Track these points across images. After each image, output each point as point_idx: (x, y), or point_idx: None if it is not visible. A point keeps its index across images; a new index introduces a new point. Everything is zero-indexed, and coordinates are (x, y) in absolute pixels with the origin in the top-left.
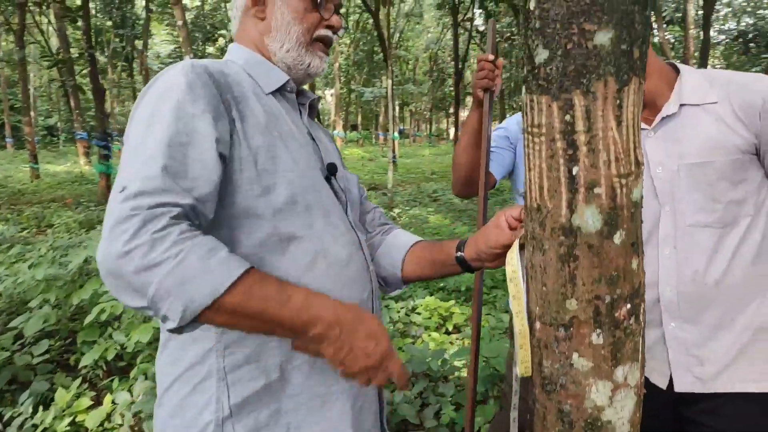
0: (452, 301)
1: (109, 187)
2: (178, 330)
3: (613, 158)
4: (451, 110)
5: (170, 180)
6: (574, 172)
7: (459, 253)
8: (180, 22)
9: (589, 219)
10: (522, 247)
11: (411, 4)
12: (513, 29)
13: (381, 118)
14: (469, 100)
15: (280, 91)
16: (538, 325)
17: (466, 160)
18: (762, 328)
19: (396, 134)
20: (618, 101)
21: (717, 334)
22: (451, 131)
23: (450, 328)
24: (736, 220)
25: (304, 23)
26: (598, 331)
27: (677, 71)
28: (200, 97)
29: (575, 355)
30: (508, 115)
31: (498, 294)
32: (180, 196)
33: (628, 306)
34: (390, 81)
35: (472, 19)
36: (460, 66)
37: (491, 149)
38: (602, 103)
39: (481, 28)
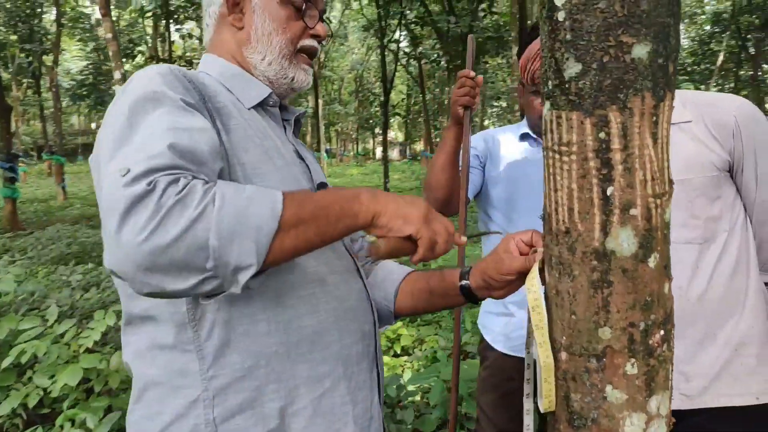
0: (399, 323)
1: (15, 212)
2: (256, 275)
3: (649, 177)
4: (378, 130)
5: (179, 158)
6: (608, 193)
7: (464, 282)
8: (109, 35)
9: (624, 242)
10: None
11: (336, 25)
12: (439, 52)
13: (308, 138)
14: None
15: (261, 106)
16: (564, 355)
17: (445, 180)
18: (742, 343)
19: (324, 154)
20: (654, 118)
21: (701, 350)
22: (378, 151)
23: (398, 351)
24: (715, 236)
25: (288, 33)
26: (633, 360)
27: None
28: (188, 93)
29: (609, 387)
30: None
31: (443, 313)
32: (192, 172)
33: (662, 332)
34: (320, 101)
35: (398, 41)
36: (388, 87)
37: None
38: (639, 119)
39: (408, 50)
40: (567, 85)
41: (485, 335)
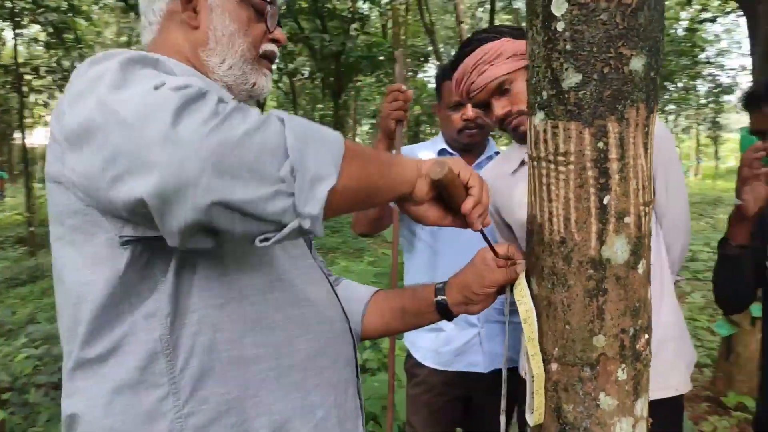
0: None
1: None
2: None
3: (640, 186)
4: None
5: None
6: (605, 202)
7: (440, 298)
8: None
9: (619, 250)
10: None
11: None
12: (310, 68)
13: None
14: None
15: None
16: (555, 366)
17: None
18: (663, 341)
19: None
20: (646, 128)
21: None
22: None
23: None
24: None
25: (250, 36)
26: (623, 366)
27: None
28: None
29: (602, 395)
30: None
31: None
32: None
33: (646, 336)
34: None
35: None
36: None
37: None
38: (634, 130)
39: (280, 66)
40: (566, 95)
41: (414, 352)
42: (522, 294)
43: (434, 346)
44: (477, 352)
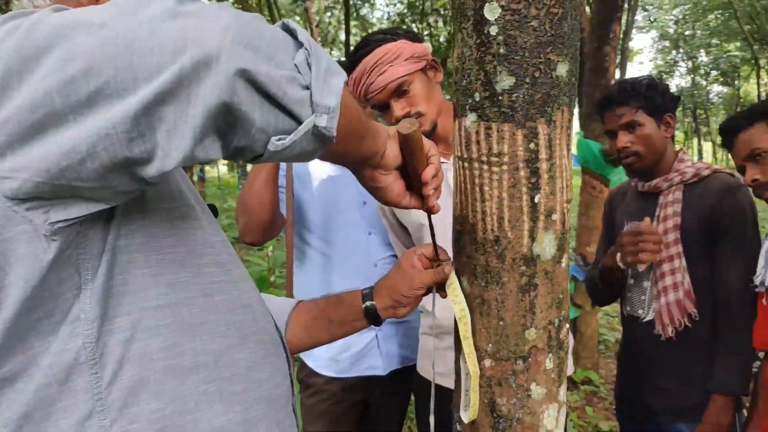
0: None
1: None
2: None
3: (564, 185)
4: None
5: None
6: (536, 200)
7: (368, 303)
8: None
9: (547, 246)
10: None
11: None
12: None
13: None
14: None
15: None
16: (489, 363)
17: (268, 199)
18: None
19: None
20: (569, 130)
21: None
22: None
23: None
24: None
25: None
26: (550, 355)
27: None
28: None
29: (533, 385)
30: None
31: None
32: None
33: (567, 325)
34: None
35: None
36: None
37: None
38: (560, 131)
39: None
40: (499, 98)
41: (308, 362)
42: (455, 294)
43: (331, 354)
44: (375, 355)
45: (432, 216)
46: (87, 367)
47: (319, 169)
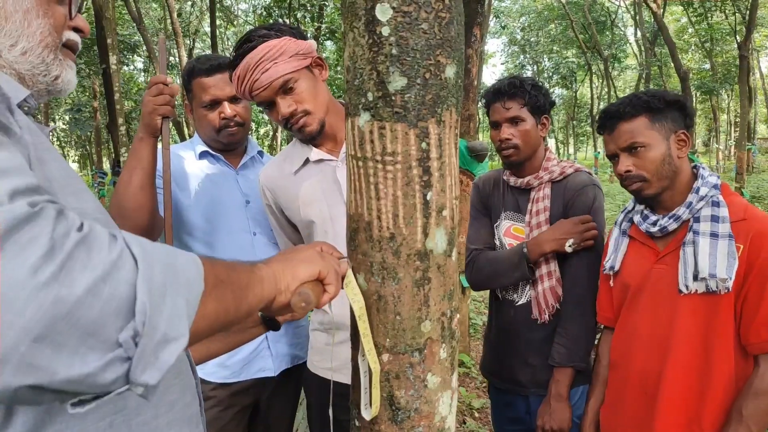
0: None
1: None
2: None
3: (453, 182)
4: None
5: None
6: (428, 198)
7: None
8: None
9: (439, 241)
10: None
11: None
12: None
13: None
14: None
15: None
16: (386, 357)
17: (146, 201)
18: None
19: None
20: (456, 130)
21: None
22: None
23: None
24: None
25: (51, 17)
26: (444, 346)
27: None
28: None
29: (429, 375)
30: None
31: None
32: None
33: (458, 316)
34: None
35: None
36: None
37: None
38: (448, 131)
39: None
40: (392, 98)
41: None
42: (354, 292)
43: (218, 361)
44: (266, 356)
45: (324, 215)
46: None
47: (195, 171)
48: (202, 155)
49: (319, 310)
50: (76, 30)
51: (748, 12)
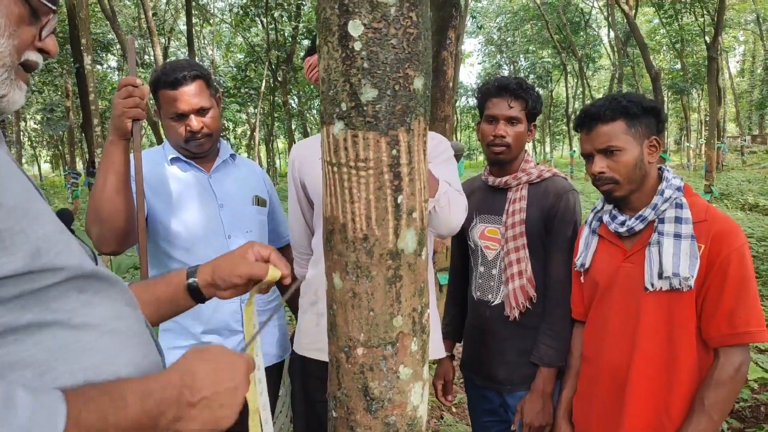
0: None
1: None
2: None
3: (423, 186)
4: None
5: None
6: (399, 201)
7: (191, 280)
8: None
9: (410, 241)
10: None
11: None
12: None
13: None
14: None
15: None
16: (361, 351)
17: (123, 205)
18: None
19: None
20: (425, 138)
21: None
22: None
23: None
24: None
25: (16, 38)
26: (415, 339)
27: None
28: None
29: (401, 367)
30: None
31: None
32: None
33: (428, 311)
34: None
35: None
36: None
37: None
38: (417, 139)
39: None
40: (365, 108)
41: None
42: (250, 317)
43: None
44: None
45: None
46: None
47: (170, 175)
48: (173, 161)
49: (309, 291)
50: (42, 51)
51: (716, 14)
